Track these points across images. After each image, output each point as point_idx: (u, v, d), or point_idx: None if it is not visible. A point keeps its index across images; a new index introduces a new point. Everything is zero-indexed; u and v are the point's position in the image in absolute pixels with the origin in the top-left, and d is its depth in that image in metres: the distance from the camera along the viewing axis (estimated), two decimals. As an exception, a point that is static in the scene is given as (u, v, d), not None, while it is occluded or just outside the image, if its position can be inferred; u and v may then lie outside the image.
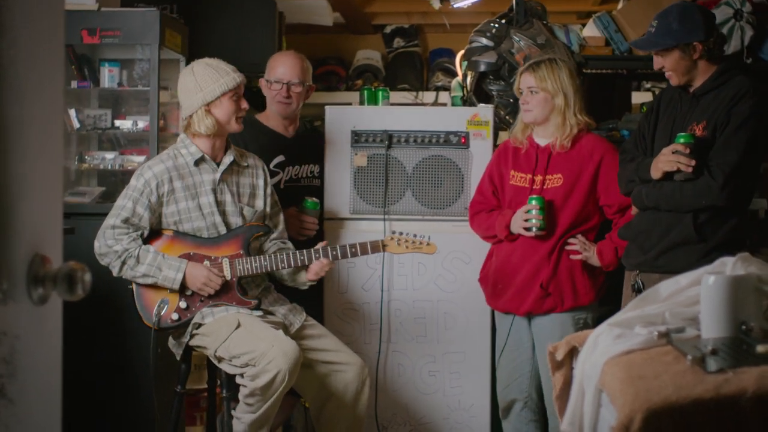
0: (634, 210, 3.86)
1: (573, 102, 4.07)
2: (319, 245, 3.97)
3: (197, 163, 3.89)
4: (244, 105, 3.92)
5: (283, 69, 4.44)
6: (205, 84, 3.83)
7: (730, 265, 2.07)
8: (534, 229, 3.97)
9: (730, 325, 1.92)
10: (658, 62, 3.70)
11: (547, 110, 4.06)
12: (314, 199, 4.40)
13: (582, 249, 4.00)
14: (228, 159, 3.95)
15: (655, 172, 3.59)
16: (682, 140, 3.51)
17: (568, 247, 4.03)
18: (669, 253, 3.62)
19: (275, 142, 4.47)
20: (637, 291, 3.67)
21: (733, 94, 3.55)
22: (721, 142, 3.52)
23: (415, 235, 4.06)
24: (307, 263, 3.95)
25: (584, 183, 4.04)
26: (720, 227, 3.56)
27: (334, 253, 3.96)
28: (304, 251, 3.94)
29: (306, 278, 4.01)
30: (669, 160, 3.52)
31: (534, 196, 3.99)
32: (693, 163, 3.47)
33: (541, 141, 4.13)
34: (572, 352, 2.31)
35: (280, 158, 4.49)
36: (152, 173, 3.84)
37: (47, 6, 1.57)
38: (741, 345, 1.85)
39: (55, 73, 1.61)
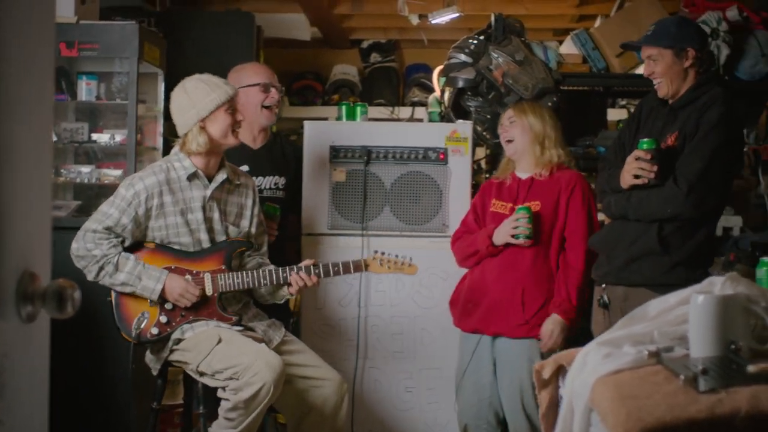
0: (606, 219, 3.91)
1: (554, 134, 4.13)
2: (303, 263, 3.96)
3: (190, 178, 3.86)
4: (240, 117, 3.90)
5: (265, 73, 4.46)
6: (197, 100, 3.80)
7: (719, 285, 2.09)
8: (522, 237, 3.99)
9: (719, 344, 1.93)
10: (649, 67, 3.72)
11: (526, 141, 4.10)
12: (274, 204, 4.38)
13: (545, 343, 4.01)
14: (221, 177, 3.91)
15: (623, 182, 3.62)
16: (644, 146, 3.54)
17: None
18: (633, 265, 3.64)
19: (239, 153, 4.41)
20: (603, 306, 3.71)
21: (703, 103, 3.60)
22: (689, 150, 3.55)
23: (396, 256, 4.06)
24: (290, 281, 3.93)
25: (560, 211, 4.06)
26: (686, 241, 3.57)
27: (317, 271, 3.95)
28: (287, 268, 3.92)
29: (286, 292, 3.99)
30: (632, 167, 3.55)
31: (520, 206, 4.02)
32: (654, 168, 3.49)
33: (523, 175, 4.17)
34: (558, 371, 2.32)
35: (244, 168, 4.46)
36: (143, 185, 3.79)
37: (38, 20, 1.56)
38: (730, 364, 1.86)
39: (45, 89, 1.60)
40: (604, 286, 3.74)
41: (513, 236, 4.01)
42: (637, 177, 3.55)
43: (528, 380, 3.95)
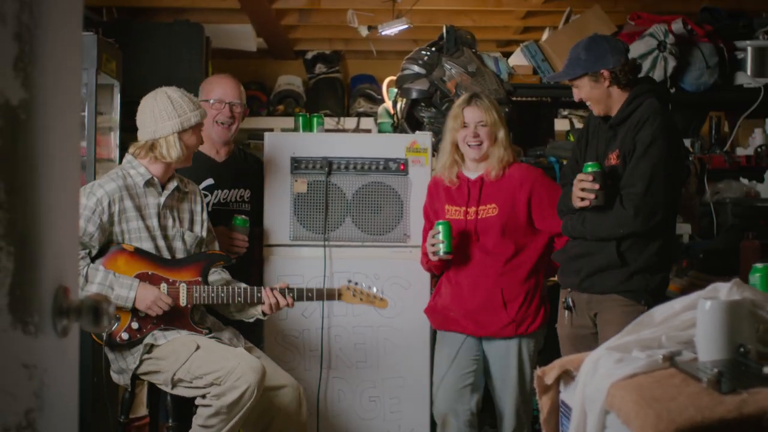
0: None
1: (507, 134, 4.18)
2: (277, 285, 3.98)
3: (146, 185, 3.86)
4: (202, 141, 3.96)
5: (223, 90, 4.45)
6: (183, 111, 3.81)
7: (725, 291, 2.16)
8: (441, 252, 4.04)
9: (727, 347, 2.01)
10: (576, 94, 3.83)
11: (491, 143, 4.14)
12: (243, 216, 4.37)
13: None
14: (172, 185, 3.94)
15: (574, 203, 3.72)
16: (588, 169, 3.64)
17: None
18: (594, 277, 3.73)
19: (204, 165, 4.43)
20: (567, 308, 3.81)
21: (637, 120, 3.67)
22: (629, 169, 3.65)
23: (369, 287, 4.12)
24: (264, 300, 3.94)
25: (520, 209, 4.11)
26: (642, 252, 3.66)
27: (291, 294, 3.97)
28: (261, 288, 3.94)
29: (258, 311, 4.00)
30: (578, 195, 3.65)
31: (439, 221, 4.07)
32: (596, 188, 3.59)
33: (471, 174, 4.19)
34: (560, 377, 2.38)
35: (209, 181, 4.46)
36: (104, 191, 3.77)
37: (68, 34, 1.56)
38: (740, 367, 1.94)
39: (74, 102, 1.60)
40: (569, 290, 3.83)
41: (433, 253, 4.08)
42: (582, 199, 3.65)
43: (517, 377, 4.11)
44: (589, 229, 3.70)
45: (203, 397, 3.66)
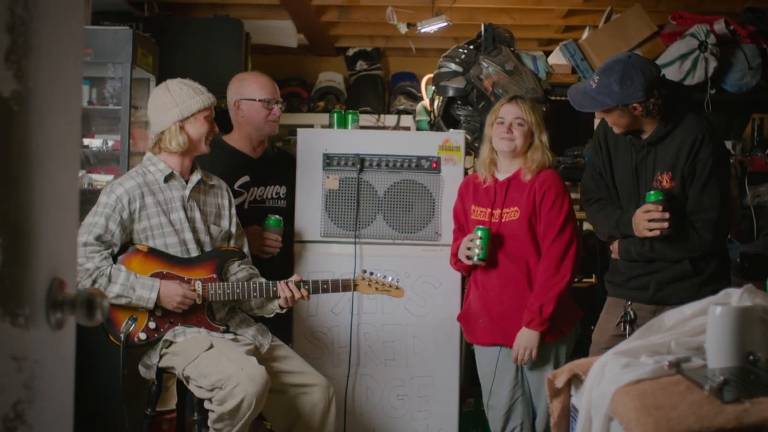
0: (614, 254, 3.92)
1: (547, 139, 4.09)
2: (292, 279, 3.98)
3: (167, 179, 3.88)
4: (216, 128, 3.95)
5: (267, 88, 4.46)
6: (181, 100, 3.84)
7: (736, 297, 2.12)
8: (475, 258, 3.98)
9: (737, 355, 1.96)
10: (598, 113, 3.76)
11: (526, 144, 4.06)
12: (277, 216, 4.38)
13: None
14: (195, 177, 3.95)
15: (638, 233, 3.68)
16: (653, 198, 3.59)
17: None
18: (666, 289, 3.72)
19: (240, 163, 4.46)
20: (628, 321, 3.75)
21: (692, 142, 3.61)
22: (695, 195, 3.63)
23: (385, 277, 4.10)
24: (279, 294, 3.94)
25: (537, 212, 4.04)
26: (709, 263, 3.70)
27: (306, 287, 3.97)
28: (277, 282, 3.93)
29: (276, 305, 4.00)
30: (647, 227, 3.61)
31: (480, 226, 4.01)
32: (666, 216, 3.55)
33: (501, 176, 4.12)
34: (570, 380, 2.34)
35: (245, 179, 4.47)
36: (123, 189, 3.80)
37: (69, 27, 1.56)
38: (749, 375, 1.89)
39: (74, 96, 1.60)
40: (629, 303, 3.79)
41: (468, 257, 4.03)
42: (650, 230, 3.62)
43: None
44: (659, 254, 3.70)
45: (210, 401, 3.67)
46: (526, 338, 3.94)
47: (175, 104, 3.83)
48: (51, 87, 1.49)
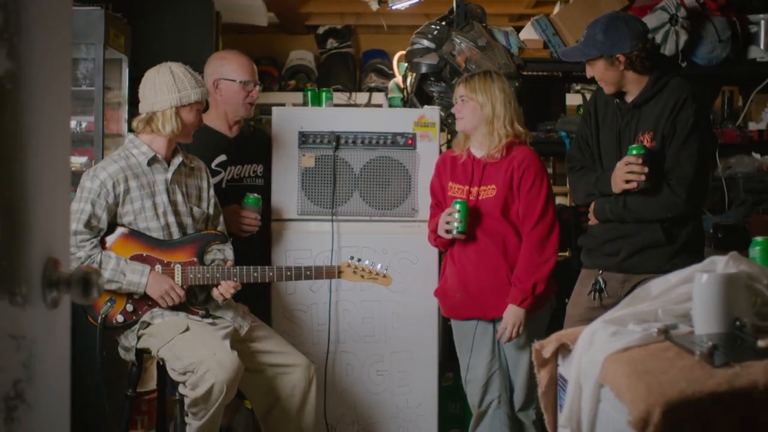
0: (591, 221, 3.95)
1: (503, 113, 4.05)
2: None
3: (150, 162, 3.86)
4: (202, 121, 3.95)
5: (247, 69, 4.46)
6: (183, 86, 3.81)
7: (721, 264, 2.15)
8: (454, 231, 4.01)
9: (723, 321, 2.00)
10: (588, 71, 3.80)
11: (476, 120, 4.06)
12: (255, 195, 4.38)
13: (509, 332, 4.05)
14: (177, 160, 3.94)
15: (615, 188, 3.69)
16: (634, 152, 3.62)
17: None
18: (636, 256, 3.74)
19: (217, 142, 4.45)
20: (598, 290, 3.78)
21: (674, 102, 3.65)
22: (673, 153, 3.64)
23: (372, 264, 4.11)
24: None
25: (515, 192, 4.06)
26: (682, 229, 3.70)
27: (289, 273, 3.99)
28: (258, 268, 3.94)
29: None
30: (624, 178, 3.63)
31: (458, 200, 4.03)
32: (645, 170, 3.57)
33: (477, 153, 4.13)
34: (558, 350, 2.37)
35: (222, 158, 4.46)
36: (107, 173, 3.78)
37: (58, 6, 1.55)
38: (736, 340, 1.93)
39: (63, 75, 1.60)
40: (599, 271, 3.82)
41: (447, 231, 4.05)
42: (627, 182, 3.63)
43: (529, 354, 3.98)
44: (632, 211, 3.70)
45: (184, 385, 3.69)
46: (515, 315, 3.99)
47: (176, 89, 3.81)
48: (42, 66, 1.49)
